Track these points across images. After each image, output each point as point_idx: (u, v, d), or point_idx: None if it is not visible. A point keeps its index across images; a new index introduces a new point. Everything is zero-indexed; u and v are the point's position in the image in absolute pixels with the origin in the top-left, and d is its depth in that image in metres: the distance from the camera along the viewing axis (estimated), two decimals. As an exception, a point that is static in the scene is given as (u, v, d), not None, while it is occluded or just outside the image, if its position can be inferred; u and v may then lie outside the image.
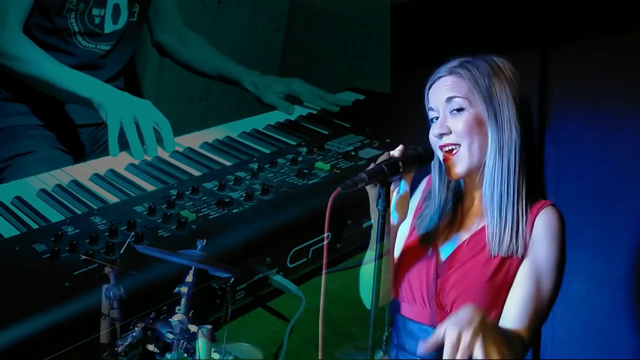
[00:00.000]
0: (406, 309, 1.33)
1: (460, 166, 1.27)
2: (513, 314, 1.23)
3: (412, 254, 1.33)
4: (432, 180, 1.35)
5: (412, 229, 1.37)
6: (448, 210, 1.33)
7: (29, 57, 1.85)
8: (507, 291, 1.24)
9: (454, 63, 1.30)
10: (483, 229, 1.27)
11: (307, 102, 2.19)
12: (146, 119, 1.77)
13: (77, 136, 2.14)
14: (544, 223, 1.25)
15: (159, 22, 2.25)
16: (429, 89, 1.31)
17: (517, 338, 1.20)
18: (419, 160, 1.22)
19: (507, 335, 1.18)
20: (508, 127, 1.25)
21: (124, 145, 1.85)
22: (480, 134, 1.26)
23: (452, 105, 1.26)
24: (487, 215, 1.26)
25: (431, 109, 1.30)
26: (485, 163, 1.27)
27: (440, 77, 1.30)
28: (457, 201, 1.34)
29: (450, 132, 1.26)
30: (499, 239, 1.24)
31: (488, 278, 1.24)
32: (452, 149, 1.26)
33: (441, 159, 1.28)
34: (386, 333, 1.33)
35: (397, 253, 1.35)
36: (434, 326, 1.26)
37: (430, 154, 1.24)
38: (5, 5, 1.85)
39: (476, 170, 1.28)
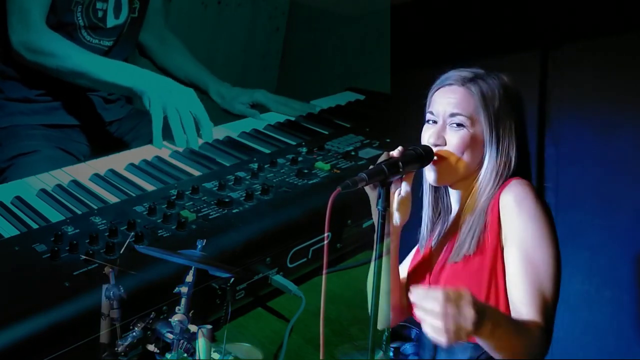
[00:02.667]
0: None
1: (441, 175, 1.27)
2: (519, 303, 1.19)
3: (416, 272, 1.34)
4: (423, 187, 1.35)
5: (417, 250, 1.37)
6: (437, 217, 1.34)
7: (62, 52, 1.85)
8: (495, 278, 1.23)
9: (466, 73, 1.28)
10: None
11: (274, 110, 2.16)
12: (185, 109, 1.81)
13: (105, 132, 2.15)
14: (510, 198, 1.22)
15: (144, 22, 2.24)
16: (436, 91, 1.30)
17: (531, 326, 1.15)
18: (419, 160, 1.22)
19: (515, 323, 1.15)
20: (506, 153, 1.26)
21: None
22: (472, 152, 1.26)
23: (454, 120, 1.26)
24: (464, 225, 1.27)
25: (431, 112, 1.29)
26: (479, 180, 1.27)
27: (450, 84, 1.28)
28: (444, 209, 1.34)
29: (445, 144, 1.26)
30: (459, 248, 1.25)
31: (476, 273, 1.23)
32: (439, 158, 1.26)
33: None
34: (386, 333, 1.33)
35: (404, 273, 1.36)
36: None
37: (430, 154, 1.24)
38: (27, 3, 1.85)
39: (459, 182, 1.29)
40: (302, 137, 1.92)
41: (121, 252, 1.24)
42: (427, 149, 1.24)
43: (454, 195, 1.33)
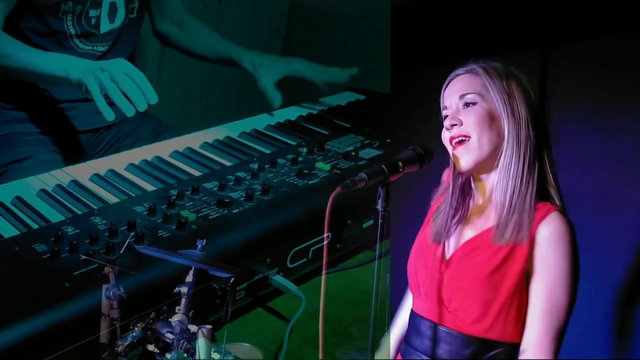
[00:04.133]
0: (415, 304, 1.33)
1: (468, 157, 1.26)
2: (533, 341, 1.22)
3: (423, 248, 1.33)
4: (449, 184, 1.35)
5: (426, 224, 1.37)
6: (459, 207, 1.34)
7: (4, 51, 1.81)
8: (507, 281, 1.23)
9: (471, 64, 1.30)
10: (490, 229, 1.27)
11: (312, 79, 2.11)
12: (120, 75, 1.70)
13: (76, 142, 2.13)
14: (549, 232, 1.22)
15: (160, 10, 2.21)
16: (446, 88, 1.31)
17: None
18: (419, 160, 1.22)
19: None
20: (525, 125, 1.25)
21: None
22: (491, 128, 1.26)
23: (464, 100, 1.27)
24: (496, 208, 1.26)
25: (445, 107, 1.29)
26: (500, 158, 1.26)
27: (457, 74, 1.30)
28: (468, 199, 1.34)
29: (462, 124, 1.26)
30: (503, 229, 1.24)
31: (488, 274, 1.23)
32: (462, 140, 1.26)
33: (450, 152, 1.28)
34: (386, 333, 1.33)
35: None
36: (435, 321, 1.27)
37: (429, 154, 1.24)
38: None
39: (485, 165, 1.28)
40: (302, 137, 1.92)
41: (121, 252, 1.24)
42: (427, 149, 1.24)
43: (480, 188, 1.32)
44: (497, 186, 1.27)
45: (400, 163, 1.18)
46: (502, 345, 1.24)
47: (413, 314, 1.33)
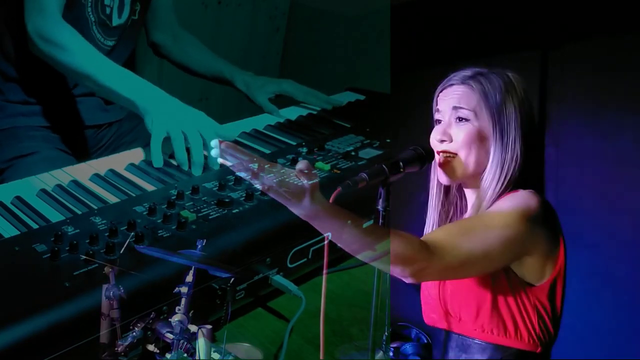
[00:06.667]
0: (427, 317, 1.36)
1: (452, 173, 1.27)
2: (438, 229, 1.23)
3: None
4: (430, 187, 1.35)
5: None
6: (446, 217, 1.34)
7: (72, 46, 1.77)
8: (492, 279, 1.23)
9: (467, 72, 1.29)
10: None
11: (300, 100, 2.19)
12: (194, 130, 1.67)
13: (81, 137, 2.13)
14: (511, 194, 1.24)
15: (154, 21, 2.24)
16: (439, 93, 1.31)
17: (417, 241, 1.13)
18: (420, 160, 1.23)
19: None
20: (512, 147, 1.25)
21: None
22: (480, 148, 1.26)
23: (457, 114, 1.27)
24: None
25: (438, 111, 1.30)
26: (483, 177, 1.27)
27: (451, 84, 1.30)
28: (457, 210, 1.35)
29: (451, 140, 1.26)
30: None
31: (477, 281, 1.24)
32: (449, 157, 1.27)
33: (437, 161, 1.29)
34: (386, 333, 1.33)
35: None
36: (451, 330, 1.29)
37: (430, 154, 1.25)
38: None
39: (470, 179, 1.29)
40: (302, 137, 1.92)
41: (121, 252, 1.24)
42: (428, 149, 1.25)
43: (469, 198, 1.33)
44: (481, 207, 1.28)
45: (401, 163, 1.19)
46: (513, 350, 1.24)
47: (432, 328, 1.34)
